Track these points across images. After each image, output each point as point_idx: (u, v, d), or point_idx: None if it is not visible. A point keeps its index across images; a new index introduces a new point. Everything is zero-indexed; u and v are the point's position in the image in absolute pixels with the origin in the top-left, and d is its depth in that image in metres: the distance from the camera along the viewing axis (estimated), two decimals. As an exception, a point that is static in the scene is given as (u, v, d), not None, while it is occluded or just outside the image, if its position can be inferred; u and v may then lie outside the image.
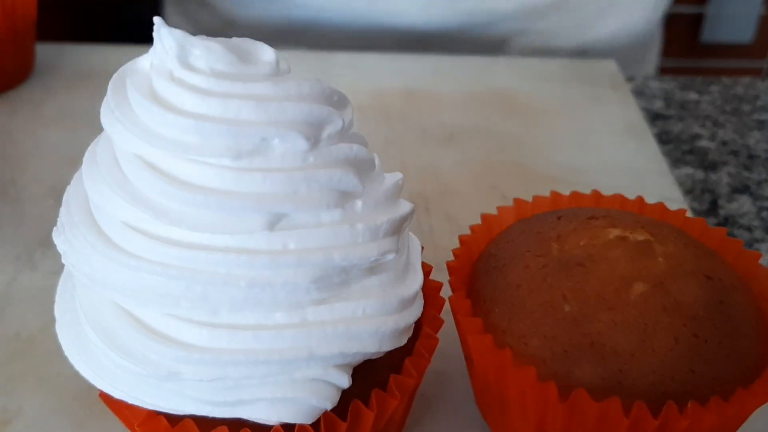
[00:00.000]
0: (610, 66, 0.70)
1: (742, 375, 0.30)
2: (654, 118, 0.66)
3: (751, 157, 0.62)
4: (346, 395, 0.29)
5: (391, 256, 0.29)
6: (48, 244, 0.46)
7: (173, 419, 0.28)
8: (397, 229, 0.29)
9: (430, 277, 0.34)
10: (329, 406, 0.28)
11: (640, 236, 0.33)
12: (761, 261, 0.50)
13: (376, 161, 0.30)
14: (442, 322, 0.32)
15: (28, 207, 0.51)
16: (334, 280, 0.27)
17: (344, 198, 0.28)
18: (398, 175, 0.32)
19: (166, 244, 0.26)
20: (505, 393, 0.32)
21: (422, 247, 0.36)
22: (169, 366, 0.26)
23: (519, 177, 0.56)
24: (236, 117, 0.26)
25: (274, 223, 0.26)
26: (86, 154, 0.29)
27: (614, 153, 0.58)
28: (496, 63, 0.70)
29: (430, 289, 0.34)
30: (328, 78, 0.29)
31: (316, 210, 0.27)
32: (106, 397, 0.29)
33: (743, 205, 0.56)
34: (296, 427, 0.28)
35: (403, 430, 0.36)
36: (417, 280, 0.30)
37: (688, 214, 0.38)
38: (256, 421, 0.28)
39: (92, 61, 0.66)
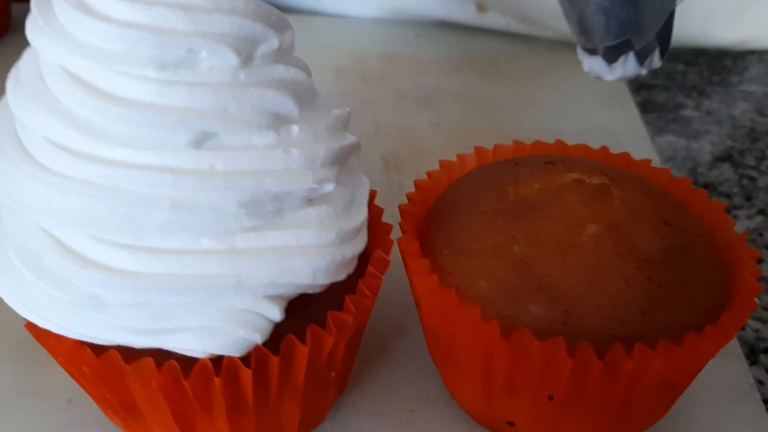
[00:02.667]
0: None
1: (698, 321, 0.29)
2: (639, 87, 0.65)
3: (735, 127, 0.60)
4: (282, 331, 0.28)
5: (330, 187, 0.27)
6: None
7: (99, 350, 0.27)
8: (338, 160, 0.28)
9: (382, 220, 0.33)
10: (260, 340, 0.27)
11: (598, 180, 0.32)
12: (741, 228, 0.49)
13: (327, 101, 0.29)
14: (388, 263, 0.31)
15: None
16: (268, 208, 0.26)
17: (279, 121, 0.26)
18: (345, 110, 0.30)
19: (89, 161, 0.25)
20: (450, 335, 0.30)
21: (374, 191, 0.34)
22: (90, 290, 0.25)
23: (496, 139, 0.54)
24: (162, 25, 0.24)
25: (200, 141, 0.25)
26: (10, 75, 0.27)
27: (594, 118, 0.57)
28: (478, 28, 0.68)
29: (380, 232, 0.33)
30: (308, 40, 0.28)
31: (247, 131, 0.26)
32: (32, 327, 0.28)
33: (724, 172, 0.55)
34: (225, 360, 0.27)
35: (349, 377, 0.35)
36: (360, 216, 0.29)
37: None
38: (181, 352, 0.27)
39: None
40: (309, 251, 0.27)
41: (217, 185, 0.25)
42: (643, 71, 0.27)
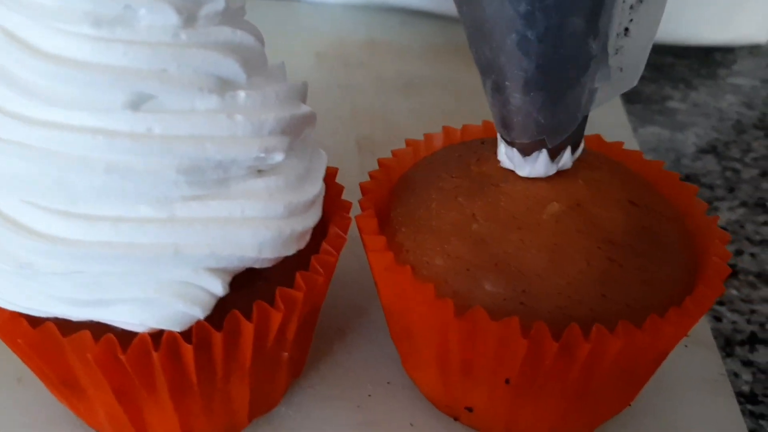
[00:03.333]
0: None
1: (661, 304, 0.27)
2: (625, 78, 0.63)
3: (722, 119, 0.59)
4: (229, 307, 0.27)
5: (279, 157, 0.26)
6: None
7: (36, 322, 0.26)
8: (290, 130, 0.27)
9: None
10: (200, 314, 0.26)
11: (564, 158, 0.30)
12: (723, 220, 0.48)
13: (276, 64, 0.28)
14: (344, 240, 0.30)
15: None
16: (210, 176, 0.25)
17: (224, 86, 0.25)
18: (302, 82, 0.29)
19: (20, 121, 0.24)
20: (406, 314, 0.29)
21: (335, 168, 0.33)
22: (22, 257, 0.24)
23: (475, 127, 0.54)
24: (98, -20, 0.23)
25: (137, 102, 0.24)
26: None
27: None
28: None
29: (339, 209, 0.31)
30: (290, 24, 0.28)
31: (188, 94, 0.24)
32: (-32, 299, 0.27)
33: (707, 164, 0.53)
34: (164, 335, 0.25)
35: (306, 360, 0.34)
36: (313, 189, 0.28)
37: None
38: (119, 325, 0.25)
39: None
40: (254, 223, 0.26)
41: (153, 149, 0.24)
42: (553, 169, 0.29)
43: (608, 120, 0.54)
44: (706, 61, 0.67)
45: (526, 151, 0.28)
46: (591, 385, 0.28)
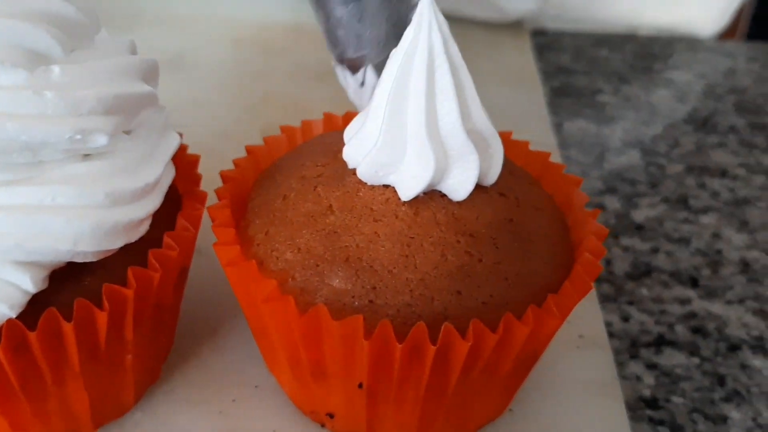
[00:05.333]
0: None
1: (522, 301, 0.25)
2: (557, 71, 0.62)
3: (652, 113, 0.57)
4: (50, 305, 0.24)
5: (101, 140, 0.24)
6: None
7: None
8: (117, 109, 0.25)
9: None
10: (9, 312, 0.23)
11: (433, 145, 0.28)
12: (641, 216, 0.46)
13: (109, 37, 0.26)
14: (191, 234, 0.28)
15: None
16: (17, 159, 0.23)
17: (34, 59, 0.23)
18: (149, 58, 0.27)
19: None
20: (254, 312, 0.27)
21: (197, 156, 0.31)
22: None
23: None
24: None
25: (-77, 75, 0.21)
26: None
27: (497, 98, 0.54)
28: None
29: (192, 200, 0.29)
30: (209, 10, 0.26)
31: (-13, 67, 0.22)
32: None
33: (632, 159, 0.52)
34: (-31, 334, 0.23)
35: (164, 362, 0.31)
36: (147, 176, 0.26)
37: (560, 162, 0.33)
38: None
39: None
40: (68, 211, 0.23)
41: (-55, 127, 0.21)
42: None
43: (528, 113, 0.52)
44: (642, 54, 0.65)
45: (353, 68, 0.28)
46: (449, 388, 0.26)
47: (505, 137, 0.33)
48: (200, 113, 0.49)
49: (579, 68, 0.63)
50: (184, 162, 0.30)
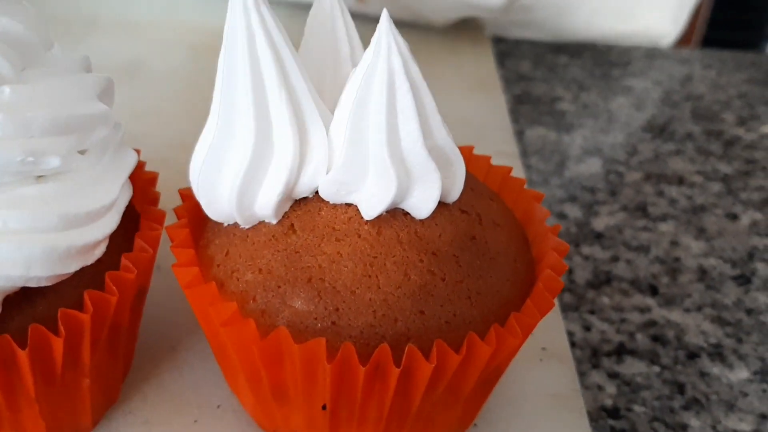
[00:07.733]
0: (476, 22, 0.66)
1: (485, 320, 0.25)
2: (518, 78, 0.62)
3: (610, 121, 0.58)
4: (3, 331, 0.23)
5: (54, 161, 0.23)
6: None
7: None
8: (71, 129, 0.24)
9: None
10: (-42, 339, 0.22)
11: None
12: (600, 225, 0.47)
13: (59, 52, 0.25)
14: (149, 255, 0.27)
15: None
16: (-34, 183, 0.22)
17: (-18, 80, 0.22)
18: (102, 76, 0.26)
19: None
20: (214, 334, 0.27)
21: (155, 174, 0.31)
22: None
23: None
24: None
25: None
26: None
27: (458, 105, 0.54)
28: (357, 14, 0.65)
29: (150, 220, 0.28)
30: (165, 13, 0.24)
31: (-69, 89, 0.21)
32: None
33: (591, 167, 0.52)
34: None
35: (122, 383, 0.31)
36: (103, 198, 0.25)
37: (518, 172, 0.33)
38: None
39: None
40: (20, 236, 0.23)
41: None
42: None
43: (490, 121, 0.53)
44: (600, 62, 0.66)
45: None
46: (413, 408, 0.26)
47: (466, 152, 0.33)
48: (157, 123, 0.48)
49: (538, 76, 0.63)
50: (141, 180, 0.30)
